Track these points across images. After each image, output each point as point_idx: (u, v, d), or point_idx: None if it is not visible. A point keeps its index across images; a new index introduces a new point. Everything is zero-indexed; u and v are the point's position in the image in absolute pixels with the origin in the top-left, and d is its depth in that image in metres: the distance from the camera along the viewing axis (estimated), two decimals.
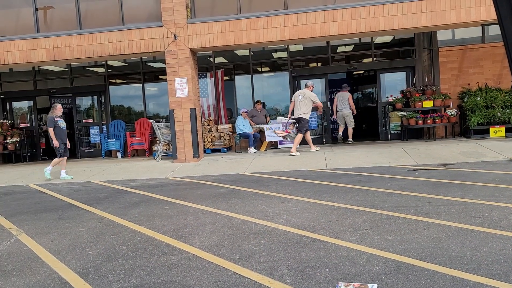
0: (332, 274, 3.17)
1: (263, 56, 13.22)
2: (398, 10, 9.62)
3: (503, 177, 6.47)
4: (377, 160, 8.82)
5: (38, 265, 3.84)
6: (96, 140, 13.58)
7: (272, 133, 11.51)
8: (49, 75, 14.17)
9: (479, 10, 9.41)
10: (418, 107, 11.17)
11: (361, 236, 4.04)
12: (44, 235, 4.85)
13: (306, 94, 10.25)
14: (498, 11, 1.32)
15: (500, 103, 10.99)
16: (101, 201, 6.67)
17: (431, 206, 4.99)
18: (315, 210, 5.14)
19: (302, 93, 10.32)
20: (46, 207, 6.44)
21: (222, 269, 3.42)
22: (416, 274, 3.07)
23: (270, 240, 4.09)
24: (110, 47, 10.48)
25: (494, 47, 11.82)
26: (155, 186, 7.75)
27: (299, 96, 10.28)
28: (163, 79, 12.70)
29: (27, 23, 11.06)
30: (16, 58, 10.78)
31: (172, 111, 10.38)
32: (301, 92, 10.38)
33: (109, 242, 4.37)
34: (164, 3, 10.23)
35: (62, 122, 9.10)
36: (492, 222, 4.23)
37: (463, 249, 3.53)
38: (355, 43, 12.95)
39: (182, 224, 4.90)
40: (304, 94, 10.26)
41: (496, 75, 11.96)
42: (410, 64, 12.28)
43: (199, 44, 10.27)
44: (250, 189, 6.76)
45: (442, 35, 12.26)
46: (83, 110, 13.97)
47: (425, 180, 6.59)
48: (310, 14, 9.86)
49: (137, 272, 3.48)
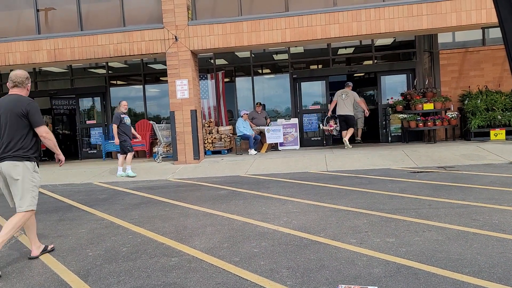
0: (333, 277, 3.16)
1: (264, 58, 13.24)
2: (399, 12, 9.63)
3: (503, 180, 6.46)
4: (378, 162, 8.82)
5: (38, 266, 3.84)
6: (97, 141, 13.58)
7: (273, 135, 11.53)
8: (50, 76, 14.19)
9: (480, 13, 9.42)
10: (419, 109, 11.17)
11: (361, 238, 4.03)
12: (44, 236, 4.85)
13: (349, 93, 11.05)
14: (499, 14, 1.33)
15: (500, 106, 10.99)
16: (101, 202, 6.67)
17: (432, 209, 4.98)
18: (315, 212, 5.14)
19: (345, 92, 11.06)
20: (46, 208, 6.44)
21: (222, 271, 3.42)
22: (416, 276, 3.07)
23: (271, 242, 4.08)
24: (111, 48, 10.49)
25: (495, 50, 11.83)
26: (156, 187, 7.75)
27: (342, 95, 11.02)
28: (163, 81, 12.71)
29: (28, 24, 11.08)
30: (17, 59, 10.80)
31: (172, 113, 10.38)
32: (343, 91, 11.08)
33: (109, 244, 4.37)
34: (165, 5, 10.25)
35: (127, 119, 9.20)
36: (492, 225, 4.22)
37: (464, 252, 3.53)
38: (356, 45, 12.97)
39: (182, 226, 4.90)
40: (347, 93, 11.04)
41: (496, 78, 11.96)
42: (411, 67, 12.29)
43: (200, 45, 10.29)
44: (251, 191, 6.76)
45: (443, 38, 12.27)
46: (83, 111, 13.98)
47: (426, 183, 6.59)
48: (311, 16, 9.87)
49: (137, 274, 3.47)
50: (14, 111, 3.83)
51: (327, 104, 12.57)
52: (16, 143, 3.84)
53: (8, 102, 3.89)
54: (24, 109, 3.83)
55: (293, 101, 12.71)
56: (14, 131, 3.84)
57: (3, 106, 3.89)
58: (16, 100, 3.88)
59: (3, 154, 3.84)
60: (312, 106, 12.76)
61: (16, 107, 3.83)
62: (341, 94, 11.06)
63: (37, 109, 3.92)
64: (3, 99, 3.98)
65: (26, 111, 3.83)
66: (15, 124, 3.84)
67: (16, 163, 3.83)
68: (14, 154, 3.83)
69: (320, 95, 12.84)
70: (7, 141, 3.84)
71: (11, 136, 3.84)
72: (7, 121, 3.84)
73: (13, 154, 3.83)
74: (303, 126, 12.68)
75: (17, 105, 3.84)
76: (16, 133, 3.84)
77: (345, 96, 10.98)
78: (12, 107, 3.84)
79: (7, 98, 3.95)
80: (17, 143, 3.84)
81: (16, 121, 3.83)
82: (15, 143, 3.84)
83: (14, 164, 3.83)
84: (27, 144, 3.89)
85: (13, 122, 3.84)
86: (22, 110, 3.83)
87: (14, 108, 3.83)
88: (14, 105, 3.85)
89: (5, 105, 3.89)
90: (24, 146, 3.87)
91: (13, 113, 3.83)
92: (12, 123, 3.84)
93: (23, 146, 3.87)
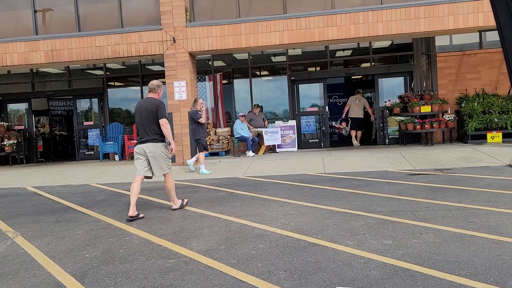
0: (330, 279, 3.16)
1: (262, 60, 13.25)
2: (396, 15, 9.67)
3: (500, 183, 6.48)
4: (375, 164, 8.83)
5: (34, 268, 3.82)
6: (95, 142, 13.54)
7: (270, 137, 11.55)
8: (47, 77, 14.16)
9: (477, 16, 9.46)
10: (416, 112, 11.20)
11: (359, 240, 4.04)
12: (40, 237, 4.83)
13: (361, 99, 12.57)
14: (498, 19, 1.33)
15: (497, 108, 11.03)
16: (98, 204, 6.65)
17: (429, 211, 4.99)
18: (313, 214, 5.14)
19: (358, 98, 12.56)
20: (43, 209, 6.42)
21: (220, 273, 3.41)
22: (413, 279, 3.07)
23: (268, 244, 4.08)
24: (109, 49, 10.48)
25: (492, 53, 11.88)
26: (153, 189, 7.73)
27: (356, 100, 12.52)
28: (161, 82, 12.69)
29: (26, 25, 11.07)
30: (14, 60, 10.78)
31: (170, 114, 10.37)
32: (356, 97, 12.57)
33: (106, 245, 4.35)
34: (164, 7, 10.25)
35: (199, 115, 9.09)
36: (489, 227, 4.23)
37: (461, 254, 3.54)
38: (354, 47, 13.01)
39: (180, 228, 4.89)
40: (360, 99, 12.55)
41: (493, 81, 12.02)
42: (408, 69, 12.33)
43: (198, 47, 10.29)
44: (248, 193, 6.76)
45: (440, 41, 12.33)
46: (81, 112, 13.95)
47: (423, 185, 6.60)
48: (309, 18, 9.90)
49: (134, 276, 3.46)
50: (149, 108, 5.57)
51: (325, 106, 12.60)
52: (152, 131, 5.57)
53: (146, 102, 5.71)
54: (155, 107, 5.56)
55: (291, 103, 12.72)
56: (150, 123, 5.56)
57: (143, 105, 5.70)
58: (150, 101, 5.66)
59: (146, 138, 5.55)
60: (310, 108, 12.78)
61: (151, 105, 5.60)
62: (355, 99, 12.53)
63: (163, 107, 5.64)
64: (143, 100, 5.88)
65: (156, 108, 5.56)
66: (150, 118, 5.56)
67: (156, 144, 5.58)
68: (153, 138, 5.56)
69: (318, 97, 12.86)
70: (147, 129, 5.57)
71: (149, 126, 5.56)
72: (145, 115, 5.56)
73: (152, 138, 5.56)
74: (301, 128, 12.69)
75: (151, 104, 5.61)
76: (151, 123, 5.57)
77: (358, 102, 12.48)
78: (148, 106, 5.61)
79: (146, 99, 5.79)
80: (153, 130, 5.57)
81: (151, 115, 5.56)
82: (152, 131, 5.57)
83: (154, 144, 5.56)
84: (159, 131, 5.60)
85: (149, 116, 5.55)
86: (154, 108, 5.55)
87: (150, 106, 5.59)
88: (149, 104, 5.62)
89: (143, 104, 5.71)
90: (158, 132, 5.59)
91: (148, 110, 5.56)
92: (148, 117, 5.55)
93: (157, 133, 5.59)
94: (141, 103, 5.77)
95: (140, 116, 5.61)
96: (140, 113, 5.63)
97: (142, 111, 5.61)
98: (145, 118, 5.55)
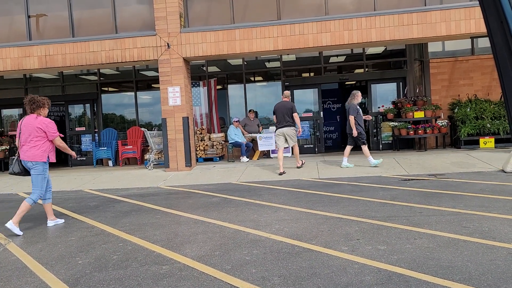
0: (324, 284, 3.16)
1: (256, 65, 13.28)
2: (389, 22, 9.75)
3: (493, 188, 6.53)
4: (369, 170, 8.86)
5: (26, 275, 3.78)
6: (88, 148, 13.46)
7: (265, 142, 11.54)
8: (41, 82, 14.09)
9: (469, 23, 9.57)
10: (410, 117, 11.27)
11: (353, 246, 4.04)
12: (33, 244, 4.78)
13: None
14: (488, 25, 1.35)
15: (489, 114, 11.14)
16: (91, 210, 6.60)
17: (423, 216, 5.01)
18: (307, 220, 5.14)
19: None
20: (35, 216, 6.37)
21: (214, 279, 3.39)
22: (407, 284, 3.08)
23: (262, 250, 4.07)
24: (103, 55, 10.46)
25: (484, 59, 12.01)
26: (147, 195, 7.69)
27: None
28: (155, 88, 12.70)
29: (19, 30, 11.01)
30: (7, 66, 10.71)
31: (164, 120, 10.36)
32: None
33: (99, 252, 4.32)
34: (158, 12, 10.26)
35: (360, 110, 9.38)
36: (482, 232, 4.25)
37: (454, 259, 3.55)
38: (347, 54, 13.08)
39: (174, 234, 4.87)
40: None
41: (485, 87, 12.13)
42: (402, 75, 12.41)
43: (192, 53, 10.30)
44: (243, 199, 6.74)
45: (433, 47, 12.44)
46: (74, 118, 13.87)
47: (417, 190, 6.63)
48: (302, 24, 9.95)
49: (127, 282, 3.44)
50: (286, 106, 9.00)
51: (319, 111, 12.63)
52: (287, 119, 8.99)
53: (284, 103, 9.11)
54: (290, 106, 9.01)
55: None
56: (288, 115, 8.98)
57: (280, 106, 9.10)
58: (286, 104, 9.09)
59: (284, 123, 9.00)
60: (304, 114, 12.80)
61: (288, 104, 9.06)
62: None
63: (292, 106, 9.00)
64: (279, 103, 9.18)
65: (291, 106, 9.00)
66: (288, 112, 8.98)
67: (291, 128, 9.01)
68: (287, 124, 8.98)
69: (312, 103, 12.90)
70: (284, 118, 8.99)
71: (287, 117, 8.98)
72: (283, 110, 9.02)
73: (286, 124, 8.98)
74: None
75: (287, 105, 9.06)
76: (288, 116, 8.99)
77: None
78: (285, 104, 9.05)
79: (282, 102, 9.17)
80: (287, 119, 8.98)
81: (287, 111, 8.97)
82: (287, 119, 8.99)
83: (290, 128, 9.00)
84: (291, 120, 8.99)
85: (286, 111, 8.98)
86: (290, 107, 8.99)
87: (286, 104, 9.06)
88: (286, 104, 9.05)
89: (280, 105, 9.10)
90: (290, 120, 8.98)
91: (285, 107, 8.98)
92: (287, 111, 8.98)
93: (289, 121, 8.97)
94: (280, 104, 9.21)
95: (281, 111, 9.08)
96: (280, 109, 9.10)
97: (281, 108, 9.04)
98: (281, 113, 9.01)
